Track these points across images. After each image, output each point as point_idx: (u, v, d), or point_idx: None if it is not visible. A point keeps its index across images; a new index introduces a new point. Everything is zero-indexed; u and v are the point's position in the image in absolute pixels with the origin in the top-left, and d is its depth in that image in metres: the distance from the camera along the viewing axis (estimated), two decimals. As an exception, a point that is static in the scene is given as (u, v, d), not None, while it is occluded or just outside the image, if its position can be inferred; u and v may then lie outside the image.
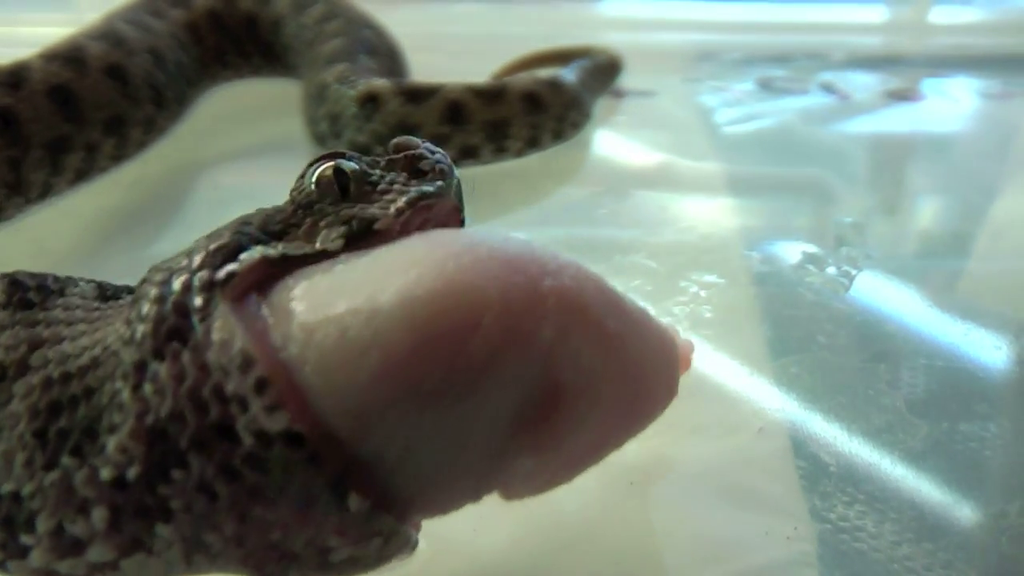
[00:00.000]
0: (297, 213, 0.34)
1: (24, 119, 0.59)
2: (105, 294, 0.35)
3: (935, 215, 0.71)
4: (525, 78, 0.73)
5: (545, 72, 0.75)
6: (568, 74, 0.74)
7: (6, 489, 0.30)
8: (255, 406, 0.28)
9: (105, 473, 0.29)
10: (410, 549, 0.31)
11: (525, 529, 0.39)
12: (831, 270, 0.58)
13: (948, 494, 0.42)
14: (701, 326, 0.52)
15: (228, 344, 0.29)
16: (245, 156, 0.73)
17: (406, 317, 0.29)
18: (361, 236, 0.33)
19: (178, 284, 0.31)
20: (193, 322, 0.30)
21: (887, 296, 0.56)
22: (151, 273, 0.32)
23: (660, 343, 0.35)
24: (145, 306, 0.30)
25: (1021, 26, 1.01)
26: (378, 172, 0.36)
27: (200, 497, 0.29)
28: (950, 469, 0.43)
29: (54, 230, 0.62)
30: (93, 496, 0.29)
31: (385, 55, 0.76)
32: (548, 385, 0.30)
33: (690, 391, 0.46)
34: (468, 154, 0.67)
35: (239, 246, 0.32)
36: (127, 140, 0.66)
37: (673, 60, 0.94)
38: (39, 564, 0.30)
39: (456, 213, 0.36)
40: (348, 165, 0.35)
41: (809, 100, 0.86)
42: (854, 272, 0.57)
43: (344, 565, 0.30)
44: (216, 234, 0.33)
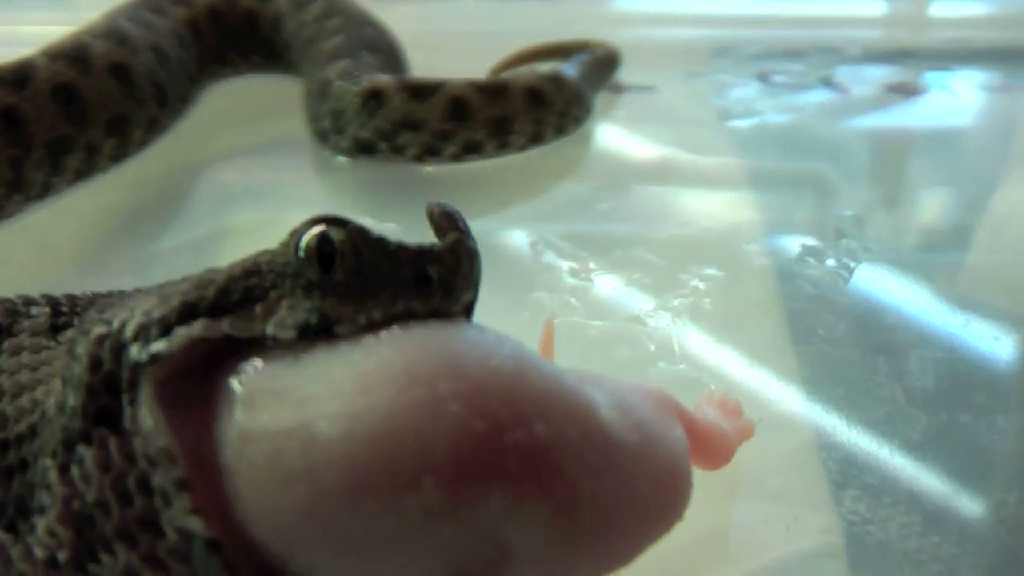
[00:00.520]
0: (267, 276, 0.30)
1: (29, 118, 0.59)
2: (57, 323, 0.35)
3: (936, 208, 0.71)
4: (527, 74, 0.73)
5: (546, 67, 0.75)
6: (569, 69, 0.74)
7: None
8: (177, 504, 0.28)
9: (38, 552, 0.30)
10: None
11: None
12: (831, 263, 0.58)
13: (947, 485, 0.42)
14: (701, 319, 0.52)
15: (152, 437, 0.28)
16: (246, 153, 0.73)
17: (342, 458, 0.27)
18: (316, 334, 0.29)
19: (109, 352, 0.30)
20: (123, 403, 0.29)
21: (887, 288, 0.56)
22: (90, 323, 0.31)
23: (662, 480, 0.31)
24: (77, 368, 0.30)
25: (1022, 19, 1.00)
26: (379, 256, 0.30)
27: None
28: (949, 460, 0.43)
29: (56, 228, 0.62)
30: (29, 572, 0.30)
31: (386, 52, 0.76)
32: (492, 549, 0.27)
33: (690, 384, 0.47)
34: (472, 150, 0.67)
35: (180, 318, 0.30)
36: (129, 140, 0.65)
37: (673, 55, 0.93)
38: None
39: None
40: (338, 236, 0.29)
41: (810, 94, 0.86)
42: (853, 265, 0.57)
43: None
44: (167, 294, 0.30)
